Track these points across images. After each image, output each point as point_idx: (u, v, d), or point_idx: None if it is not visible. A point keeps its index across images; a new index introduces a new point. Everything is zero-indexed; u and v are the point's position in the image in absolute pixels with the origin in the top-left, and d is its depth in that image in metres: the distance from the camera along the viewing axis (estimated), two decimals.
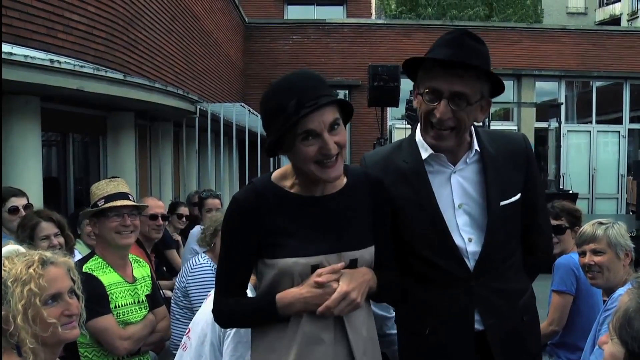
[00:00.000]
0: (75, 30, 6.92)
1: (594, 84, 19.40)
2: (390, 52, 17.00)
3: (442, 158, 2.14)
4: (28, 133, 6.15)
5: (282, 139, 1.87)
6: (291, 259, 1.90)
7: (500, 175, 2.15)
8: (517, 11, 26.16)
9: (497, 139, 2.24)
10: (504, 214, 2.14)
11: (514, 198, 2.17)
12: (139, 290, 3.10)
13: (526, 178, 2.22)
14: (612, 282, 2.95)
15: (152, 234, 4.39)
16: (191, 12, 11.88)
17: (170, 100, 8.51)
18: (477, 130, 2.21)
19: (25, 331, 1.85)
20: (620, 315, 1.46)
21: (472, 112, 2.05)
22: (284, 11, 21.56)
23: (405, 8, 25.80)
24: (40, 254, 1.98)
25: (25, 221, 3.64)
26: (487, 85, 2.08)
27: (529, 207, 2.23)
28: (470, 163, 2.16)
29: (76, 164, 8.52)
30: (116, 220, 3.01)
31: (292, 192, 1.97)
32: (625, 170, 18.69)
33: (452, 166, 2.15)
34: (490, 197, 2.13)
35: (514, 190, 2.17)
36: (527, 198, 2.21)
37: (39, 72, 5.59)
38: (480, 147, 2.16)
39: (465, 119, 2.03)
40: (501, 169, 2.16)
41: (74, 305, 1.97)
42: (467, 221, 2.13)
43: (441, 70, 2.01)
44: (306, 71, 1.94)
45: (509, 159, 2.19)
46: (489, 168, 2.14)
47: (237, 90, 16.88)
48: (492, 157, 2.16)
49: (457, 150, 2.14)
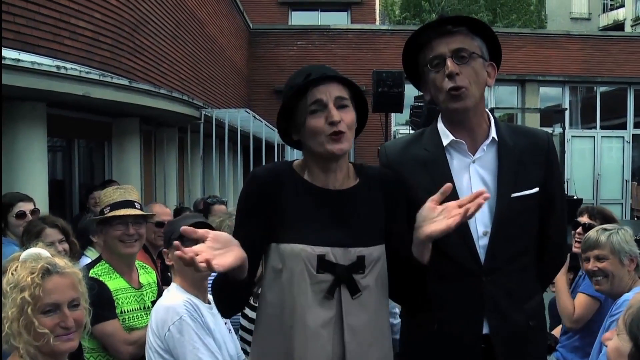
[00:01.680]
0: (82, 37, 6.97)
1: (598, 89, 19.38)
2: (395, 58, 16.88)
3: (462, 145, 2.15)
4: (34, 138, 6.18)
5: (293, 116, 1.94)
6: (299, 245, 1.89)
7: (515, 166, 2.14)
8: (520, 17, 26.19)
9: (518, 132, 2.25)
10: (516, 206, 2.11)
11: (529, 191, 2.14)
12: (145, 296, 3.11)
13: (546, 175, 2.19)
14: (617, 288, 2.95)
15: (159, 240, 4.38)
16: (196, 18, 11.93)
17: (175, 106, 8.54)
18: (498, 122, 2.21)
19: (19, 338, 1.86)
20: (633, 312, 1.48)
21: (478, 69, 2.10)
22: (288, 17, 21.60)
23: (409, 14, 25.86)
24: (48, 261, 1.97)
25: (30, 227, 3.64)
26: (485, 46, 2.14)
27: (544, 207, 2.20)
28: (487, 152, 2.16)
29: (81, 169, 8.55)
30: (120, 229, 3.02)
31: (307, 181, 1.98)
32: (630, 175, 18.67)
33: (472, 155, 2.15)
34: (501, 186, 2.12)
35: (529, 183, 2.15)
36: (542, 197, 2.18)
37: (45, 78, 5.63)
38: (498, 136, 2.17)
39: (473, 73, 2.08)
40: (517, 160, 2.15)
41: (70, 318, 1.93)
42: (483, 213, 2.09)
43: (436, 38, 2.10)
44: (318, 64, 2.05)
45: (528, 152, 2.17)
46: (503, 157, 2.14)
47: (241, 96, 16.92)
48: (508, 147, 2.16)
49: (476, 137, 2.16)
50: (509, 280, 2.12)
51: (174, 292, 2.70)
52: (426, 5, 25.48)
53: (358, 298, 1.91)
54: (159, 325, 2.60)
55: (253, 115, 10.73)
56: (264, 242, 1.96)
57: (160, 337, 2.59)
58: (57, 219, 3.70)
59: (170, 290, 2.75)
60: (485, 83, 2.14)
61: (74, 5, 6.79)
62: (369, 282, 1.93)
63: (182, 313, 2.57)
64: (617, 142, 19.24)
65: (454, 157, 2.16)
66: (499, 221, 2.10)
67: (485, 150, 2.15)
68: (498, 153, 2.15)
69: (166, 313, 2.59)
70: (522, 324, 2.15)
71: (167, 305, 2.62)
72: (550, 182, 2.21)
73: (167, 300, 2.66)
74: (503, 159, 2.15)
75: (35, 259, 1.97)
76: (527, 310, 2.17)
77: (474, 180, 2.14)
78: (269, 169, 2.03)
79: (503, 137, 2.18)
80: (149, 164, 9.89)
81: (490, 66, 2.16)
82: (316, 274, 1.88)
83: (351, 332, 1.90)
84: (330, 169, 1.97)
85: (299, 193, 1.95)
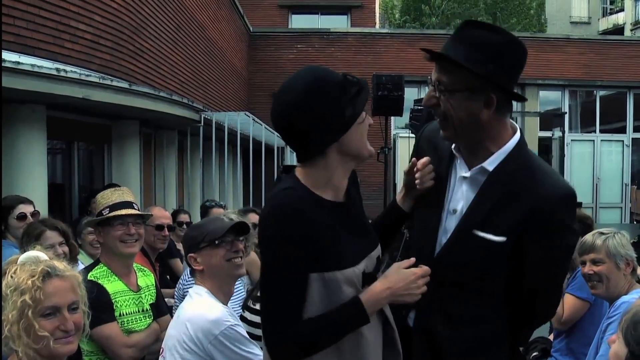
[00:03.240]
0: (82, 40, 6.98)
1: (597, 93, 19.40)
2: (394, 62, 17.04)
3: (460, 158, 2.13)
4: (34, 141, 6.18)
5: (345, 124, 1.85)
6: (344, 270, 1.83)
7: (491, 205, 2.01)
8: (520, 20, 26.25)
9: (530, 175, 2.02)
10: (472, 243, 2.01)
11: (493, 237, 1.99)
12: (144, 299, 3.11)
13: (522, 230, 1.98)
14: (613, 291, 2.97)
15: (158, 243, 4.40)
16: (196, 21, 11.95)
17: (175, 109, 8.55)
18: (516, 155, 2.04)
19: (19, 341, 1.86)
20: (629, 317, 1.48)
21: (458, 102, 1.97)
22: (288, 20, 21.63)
23: (409, 17, 25.92)
24: (48, 264, 1.97)
25: (30, 230, 3.63)
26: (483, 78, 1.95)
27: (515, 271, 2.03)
28: (477, 176, 2.06)
29: (81, 172, 8.55)
30: (120, 229, 3.03)
31: (326, 199, 1.89)
32: (630, 179, 18.68)
33: (467, 169, 2.09)
34: (467, 218, 2.04)
35: (498, 230, 1.99)
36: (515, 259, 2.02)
37: (45, 81, 5.63)
38: (497, 168, 2.03)
39: (448, 107, 1.98)
40: (498, 200, 2.00)
41: (70, 321, 1.94)
42: (449, 228, 2.09)
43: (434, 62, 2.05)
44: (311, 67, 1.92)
45: (514, 197, 1.99)
46: (484, 190, 2.04)
47: (241, 99, 16.93)
48: (497, 182, 2.02)
49: (476, 157, 2.07)
50: (447, 301, 2.08)
51: (208, 300, 2.59)
52: (426, 9, 25.53)
53: None
54: (199, 335, 2.47)
55: (253, 118, 10.74)
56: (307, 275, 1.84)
57: (202, 346, 2.47)
58: (57, 221, 3.69)
59: (201, 294, 2.62)
60: (476, 114, 1.97)
61: (74, 8, 6.80)
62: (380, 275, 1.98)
63: (229, 323, 2.50)
64: (617, 145, 19.25)
65: (458, 162, 2.14)
66: (450, 246, 2.07)
67: (476, 172, 2.06)
68: (483, 184, 2.04)
69: (210, 323, 2.48)
70: (446, 341, 2.09)
71: (208, 315, 2.51)
72: (529, 245, 1.99)
73: (206, 310, 2.53)
74: (483, 192, 2.04)
75: (34, 262, 1.97)
76: (460, 332, 2.08)
77: (455, 195, 2.11)
78: (289, 194, 1.84)
79: (500, 171, 2.03)
80: (148, 167, 9.89)
81: (485, 95, 1.96)
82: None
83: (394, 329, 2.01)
84: (343, 186, 1.95)
85: (325, 215, 1.85)
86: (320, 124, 1.82)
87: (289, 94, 1.84)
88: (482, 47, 1.95)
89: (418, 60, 19.44)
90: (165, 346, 2.64)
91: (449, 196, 2.12)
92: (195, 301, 2.61)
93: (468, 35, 1.99)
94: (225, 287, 2.69)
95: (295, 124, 1.83)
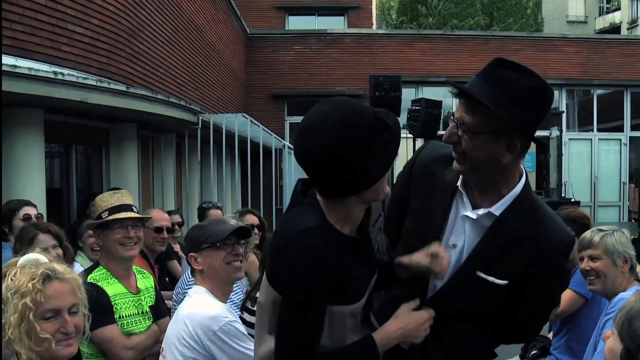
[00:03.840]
0: (79, 43, 6.98)
1: (594, 92, 19.43)
2: (392, 62, 17.05)
3: (464, 197, 2.08)
4: (31, 145, 6.18)
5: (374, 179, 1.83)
6: (352, 305, 1.89)
7: (497, 252, 2.03)
8: (517, 20, 26.28)
9: (534, 221, 2.05)
10: (475, 284, 2.05)
11: (496, 280, 2.03)
12: (143, 301, 3.12)
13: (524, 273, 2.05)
14: (610, 288, 2.98)
15: (157, 246, 4.40)
16: (193, 24, 11.96)
17: (172, 111, 8.55)
18: (522, 201, 2.05)
19: (21, 343, 1.86)
20: (624, 314, 1.49)
21: (480, 143, 1.94)
22: (285, 22, 21.64)
23: (406, 18, 25.94)
24: (48, 267, 1.97)
25: (22, 234, 3.61)
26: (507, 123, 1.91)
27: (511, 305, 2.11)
28: (483, 219, 2.05)
29: (79, 175, 8.54)
30: (120, 232, 3.04)
31: (344, 234, 1.88)
32: (627, 178, 18.69)
33: (469, 210, 2.06)
34: (471, 260, 2.06)
35: (501, 273, 2.03)
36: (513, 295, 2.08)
37: (42, 84, 5.63)
38: (503, 214, 2.03)
39: (469, 147, 1.95)
40: (504, 247, 2.02)
41: (71, 323, 1.95)
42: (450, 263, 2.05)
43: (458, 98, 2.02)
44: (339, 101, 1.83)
45: (519, 242, 2.02)
46: (489, 236, 2.04)
47: (239, 101, 16.93)
48: (502, 229, 2.02)
49: (480, 199, 2.06)
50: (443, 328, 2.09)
51: (207, 298, 2.63)
52: (423, 9, 25.56)
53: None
54: (198, 331, 2.51)
55: (250, 120, 10.74)
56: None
57: (200, 343, 2.51)
58: (50, 224, 3.68)
59: (199, 293, 2.66)
60: (497, 157, 1.95)
61: (71, 12, 6.80)
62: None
63: (227, 319, 2.54)
64: (614, 144, 19.29)
65: (459, 200, 2.11)
66: (451, 284, 2.09)
67: (481, 215, 2.05)
68: (490, 229, 2.04)
69: (209, 319, 2.53)
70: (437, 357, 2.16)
71: (207, 311, 2.55)
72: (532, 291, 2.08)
73: (205, 307, 2.57)
74: (489, 238, 2.04)
75: (34, 265, 1.97)
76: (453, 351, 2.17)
77: (456, 231, 2.10)
78: (315, 235, 1.79)
79: (507, 217, 2.03)
80: (146, 170, 9.89)
81: (509, 139, 1.93)
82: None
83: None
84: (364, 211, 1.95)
85: (345, 253, 1.84)
86: (347, 174, 1.77)
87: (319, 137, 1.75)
88: (512, 91, 1.91)
89: (415, 60, 19.54)
90: (165, 345, 2.66)
91: (447, 230, 2.11)
92: (194, 299, 2.65)
93: (498, 75, 1.93)
94: (224, 288, 2.73)
95: (324, 169, 1.78)
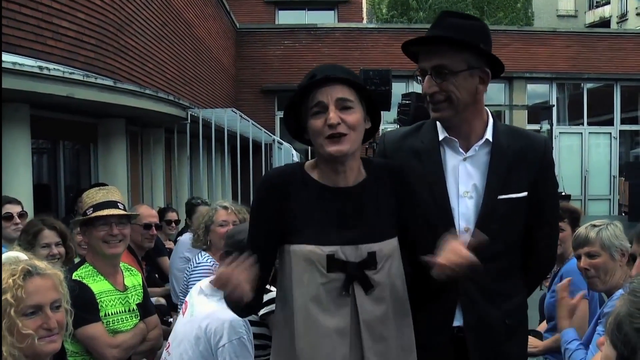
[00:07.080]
0: (65, 37, 6.88)
1: (585, 86, 19.47)
2: (382, 57, 16.98)
3: (455, 143, 2.20)
4: (18, 141, 6.10)
5: (298, 115, 1.98)
6: (308, 246, 1.91)
7: (506, 168, 2.18)
8: (507, 14, 26.31)
9: (516, 134, 2.28)
10: (501, 207, 2.15)
11: (516, 195, 2.18)
12: (130, 299, 3.08)
13: (536, 180, 2.22)
14: (611, 284, 2.91)
15: (145, 242, 4.39)
16: (182, 18, 11.87)
17: (161, 106, 8.47)
18: (497, 123, 2.25)
19: (4, 340, 1.84)
20: (612, 319, 1.47)
21: (461, 82, 2.12)
22: (275, 16, 21.57)
23: (397, 12, 25.90)
24: (28, 263, 1.96)
25: (28, 227, 3.60)
26: (477, 56, 2.13)
27: (533, 215, 2.23)
28: (480, 151, 2.20)
29: (67, 171, 8.47)
30: (103, 230, 2.99)
31: (317, 180, 2.00)
32: (617, 171, 18.77)
33: (464, 153, 2.20)
34: (489, 187, 2.16)
35: (518, 187, 2.18)
36: (531, 203, 2.21)
37: (28, 79, 5.55)
38: (494, 137, 2.20)
39: (452, 89, 2.11)
40: (509, 162, 2.18)
41: (53, 319, 1.94)
42: (467, 210, 2.17)
43: (422, 51, 2.17)
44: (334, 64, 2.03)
45: (521, 156, 2.20)
46: (495, 159, 2.18)
47: (228, 96, 16.86)
48: (502, 149, 2.19)
49: (470, 136, 2.21)
50: (486, 278, 2.12)
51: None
52: (413, 3, 25.52)
53: (372, 294, 1.93)
54: (212, 335, 2.60)
55: (240, 115, 10.68)
56: (277, 244, 2.00)
57: (212, 346, 2.59)
58: (57, 221, 3.65)
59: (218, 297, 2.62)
60: (474, 91, 2.15)
61: (56, 5, 6.70)
62: (382, 277, 1.95)
63: (242, 334, 2.60)
64: (605, 138, 19.36)
65: (447, 152, 2.22)
66: (482, 221, 2.15)
67: (477, 149, 2.20)
68: (490, 154, 2.19)
69: (225, 327, 2.60)
70: (497, 321, 2.18)
71: (224, 318, 2.60)
72: (542, 188, 2.24)
73: (224, 313, 2.55)
74: (494, 160, 2.19)
75: (14, 262, 1.97)
76: (503, 308, 2.20)
77: (462, 178, 2.19)
78: (279, 171, 2.09)
79: (498, 139, 2.21)
80: (135, 165, 9.82)
81: (481, 71, 2.15)
82: (327, 274, 1.91)
83: (367, 327, 1.93)
84: (339, 170, 1.97)
85: (308, 194, 1.98)
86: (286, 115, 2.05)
87: None
88: (469, 31, 2.13)
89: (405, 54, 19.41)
90: (172, 340, 2.71)
91: (452, 181, 2.18)
92: (214, 303, 2.68)
93: (450, 23, 2.14)
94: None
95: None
